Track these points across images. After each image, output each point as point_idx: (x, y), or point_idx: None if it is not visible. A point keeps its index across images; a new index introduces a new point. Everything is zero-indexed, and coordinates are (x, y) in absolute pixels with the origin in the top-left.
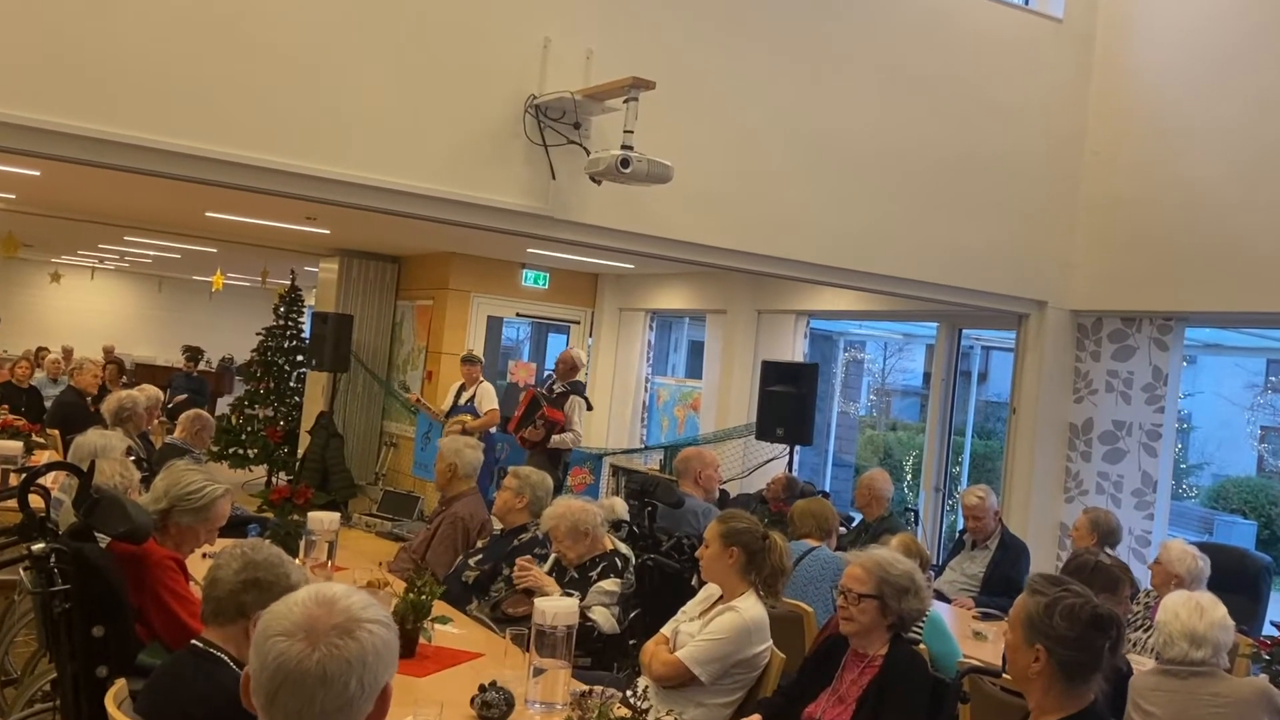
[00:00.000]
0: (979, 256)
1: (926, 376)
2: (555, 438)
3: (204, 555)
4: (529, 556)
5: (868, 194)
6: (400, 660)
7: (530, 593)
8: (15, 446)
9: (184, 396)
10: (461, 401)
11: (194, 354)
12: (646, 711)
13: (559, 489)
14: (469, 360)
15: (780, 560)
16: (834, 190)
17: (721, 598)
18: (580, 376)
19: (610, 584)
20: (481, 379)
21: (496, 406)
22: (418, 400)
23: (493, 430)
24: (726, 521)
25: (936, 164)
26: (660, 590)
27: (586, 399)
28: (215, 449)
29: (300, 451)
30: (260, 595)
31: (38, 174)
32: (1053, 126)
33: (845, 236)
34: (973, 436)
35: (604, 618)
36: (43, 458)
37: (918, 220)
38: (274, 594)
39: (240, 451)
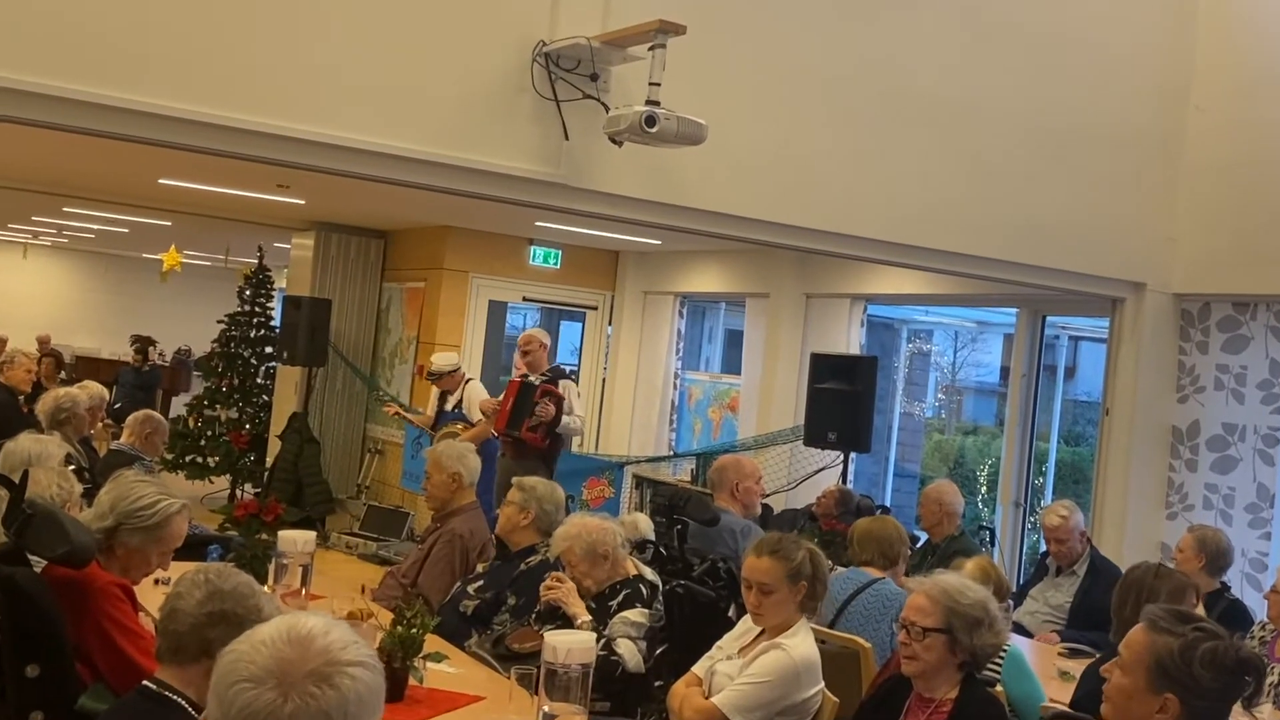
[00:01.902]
0: (1065, 231)
1: (1004, 372)
2: (565, 419)
3: (157, 582)
4: (558, 575)
5: (936, 158)
6: (387, 705)
7: (546, 619)
8: None
9: (136, 395)
10: (448, 408)
11: (144, 345)
12: None
13: None
14: (434, 375)
15: (825, 573)
16: (897, 154)
17: (764, 632)
18: (584, 366)
19: (635, 614)
20: (466, 378)
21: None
22: (397, 412)
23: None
24: (779, 551)
25: (1017, 123)
26: (692, 623)
27: (572, 379)
28: (169, 456)
29: (269, 460)
30: (228, 631)
31: None
32: (1152, 79)
33: (909, 207)
34: (1058, 442)
35: (630, 652)
36: None
37: (994, 189)
38: (244, 630)
39: (199, 459)
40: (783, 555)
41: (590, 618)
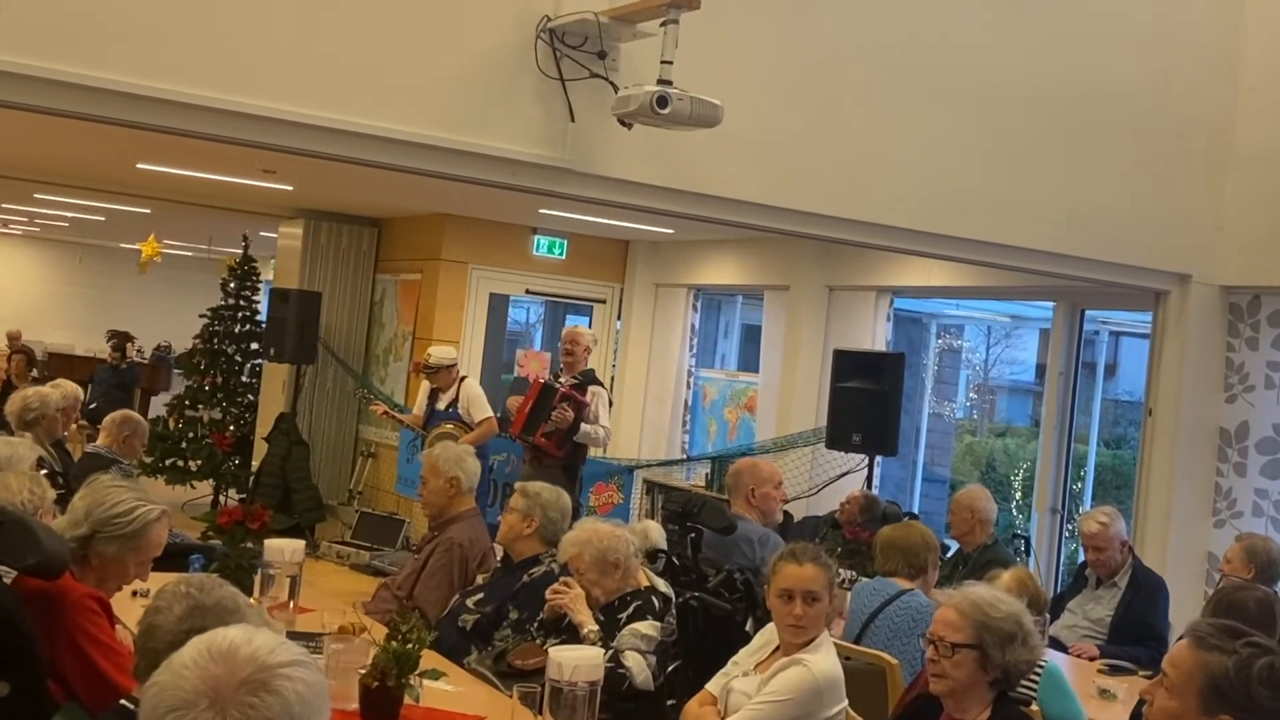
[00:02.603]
0: (1106, 219)
1: (1040, 369)
2: (584, 427)
3: (135, 594)
4: (567, 580)
5: (968, 142)
6: None
7: (549, 630)
8: None
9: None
10: (441, 407)
11: (122, 341)
12: None
13: (576, 512)
14: (431, 369)
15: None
16: (925, 137)
17: (780, 647)
18: (591, 362)
19: (646, 627)
20: (461, 375)
21: (490, 412)
22: (385, 413)
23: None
24: (820, 558)
25: (1054, 105)
26: (706, 637)
27: (608, 391)
28: (149, 460)
29: (255, 463)
30: None
31: None
32: (1200, 58)
33: (938, 194)
34: (1098, 445)
35: (639, 666)
36: None
37: (1030, 174)
38: None
39: (180, 463)
40: (823, 563)
41: (597, 628)
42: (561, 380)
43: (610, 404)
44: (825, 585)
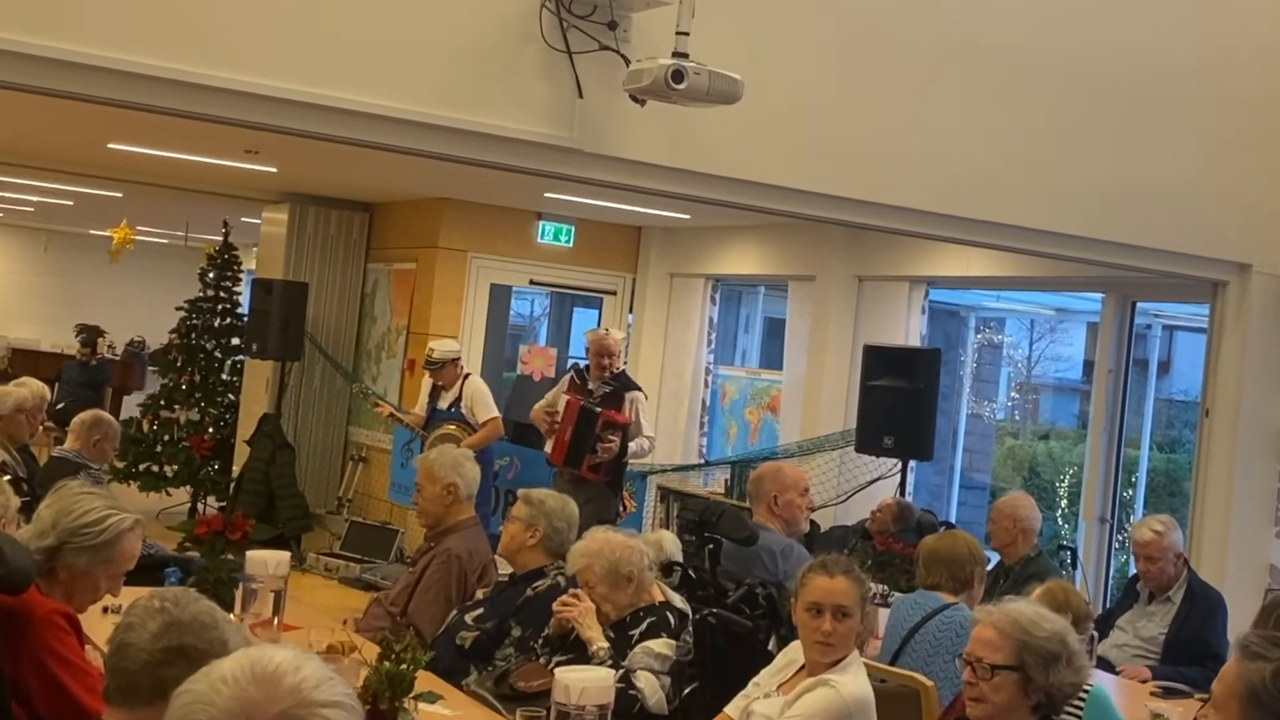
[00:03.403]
0: (1159, 203)
1: (1088, 366)
2: (631, 448)
3: (106, 610)
4: (576, 591)
5: (1009, 120)
6: None
7: (555, 648)
8: None
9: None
10: (443, 406)
11: (92, 336)
12: None
13: (617, 519)
14: (434, 364)
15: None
16: (963, 115)
17: (805, 666)
18: (620, 364)
19: (660, 645)
20: (465, 372)
21: (496, 412)
22: (391, 414)
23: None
24: (852, 571)
25: (1102, 80)
26: (725, 657)
27: (640, 389)
28: (121, 465)
29: (236, 469)
30: (186, 668)
31: None
32: (1260, 28)
33: (977, 177)
34: (1150, 448)
35: (652, 687)
36: None
37: (1076, 155)
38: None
39: (155, 468)
40: (856, 576)
41: (607, 645)
42: (592, 388)
43: (646, 408)
44: (857, 601)
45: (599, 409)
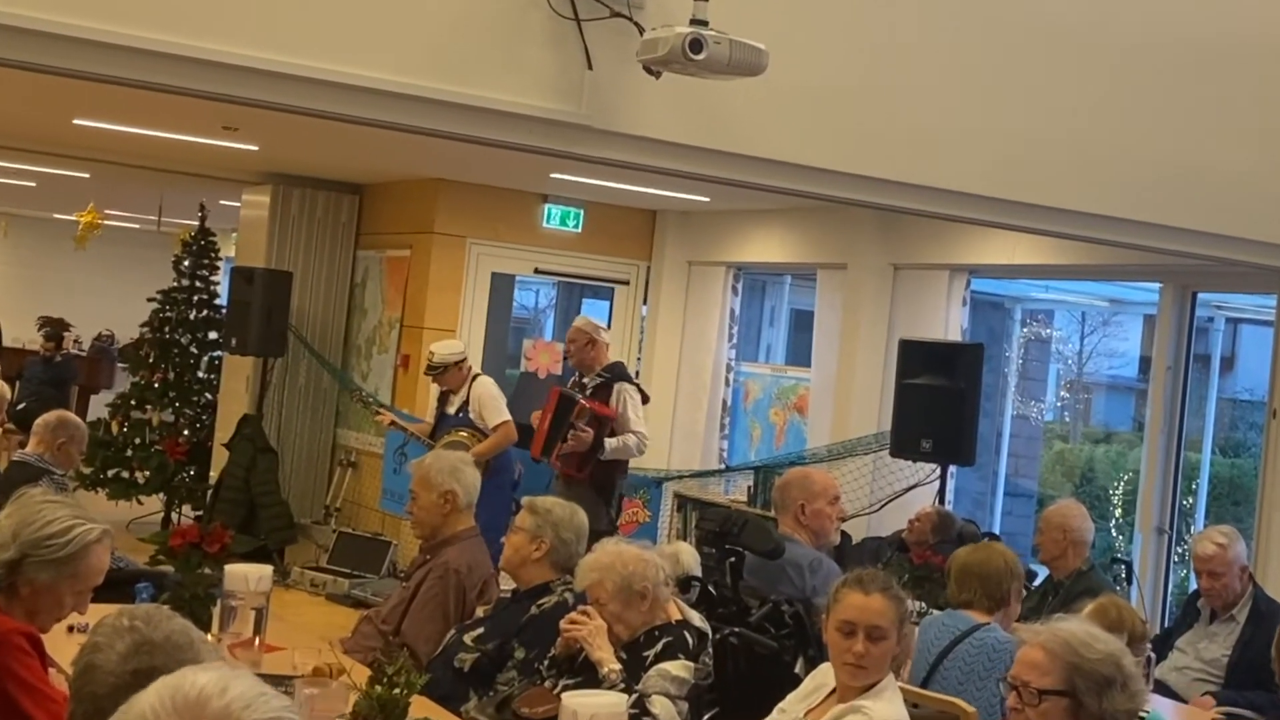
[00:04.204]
0: (1223, 186)
1: (1144, 363)
2: (610, 443)
3: (71, 629)
4: (586, 608)
5: (1060, 93)
6: None
7: (562, 671)
8: None
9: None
10: (451, 411)
11: (56, 330)
12: None
13: (611, 531)
14: (435, 369)
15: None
16: (1009, 88)
17: (835, 691)
18: (608, 356)
19: (677, 668)
20: (473, 373)
21: (507, 416)
22: (393, 423)
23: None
24: (890, 589)
25: (1160, 49)
26: (748, 680)
27: (638, 385)
28: (87, 470)
29: (214, 475)
30: None
31: None
32: None
33: (1024, 155)
34: (1213, 452)
35: (668, 713)
36: None
37: (1133, 132)
38: None
39: (124, 474)
40: (894, 594)
41: (619, 668)
42: (585, 381)
43: (645, 399)
44: (894, 621)
45: (580, 397)
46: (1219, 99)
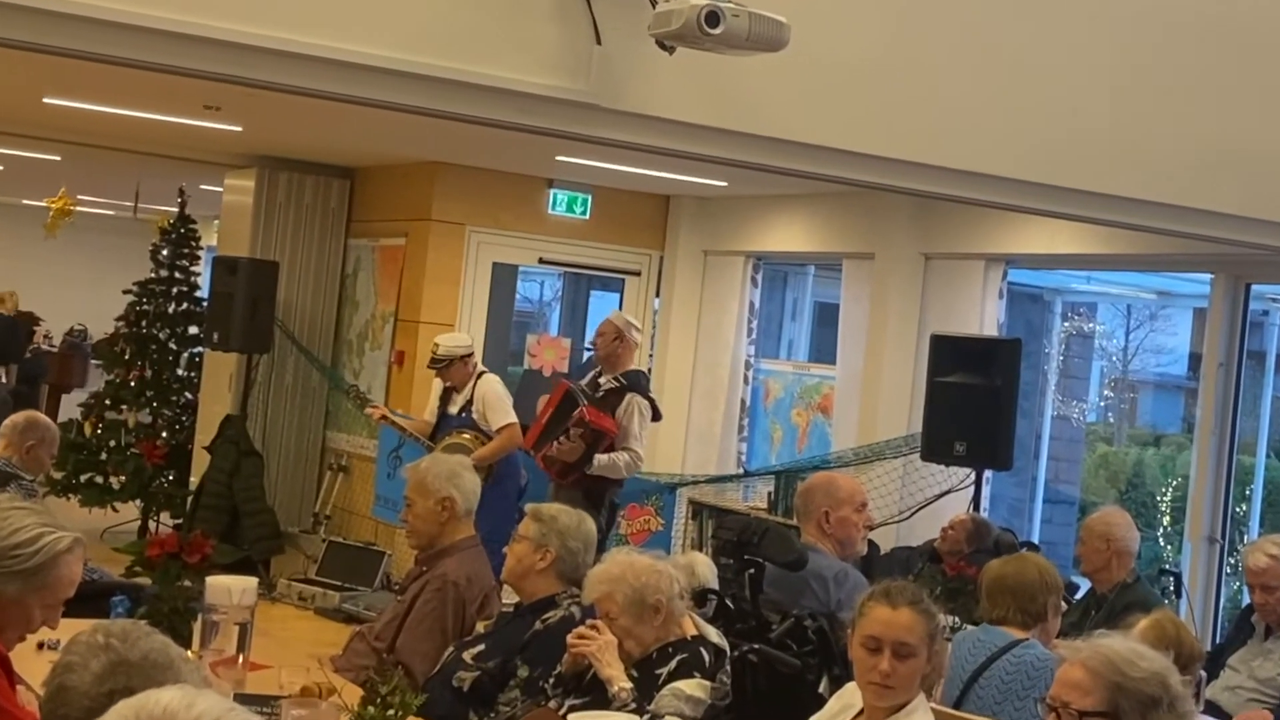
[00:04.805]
0: (1279, 168)
1: (1194, 360)
2: (599, 459)
3: (42, 646)
4: (595, 622)
5: (1102, 71)
6: None
7: (568, 689)
8: None
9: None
10: (454, 410)
11: (25, 324)
12: None
13: (603, 543)
14: (439, 363)
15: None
16: (1049, 65)
17: (863, 711)
18: (636, 362)
19: (692, 687)
20: (479, 371)
21: (513, 418)
22: (384, 417)
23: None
24: (920, 603)
25: (1212, 21)
26: (768, 700)
27: (652, 400)
28: (59, 475)
29: (194, 480)
30: None
31: None
32: None
33: (1064, 136)
34: (1268, 455)
35: None
36: None
37: (1181, 112)
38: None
39: (98, 479)
40: (925, 609)
41: (630, 686)
42: (601, 381)
43: (657, 416)
44: (923, 638)
45: (583, 402)
46: (1273, 77)
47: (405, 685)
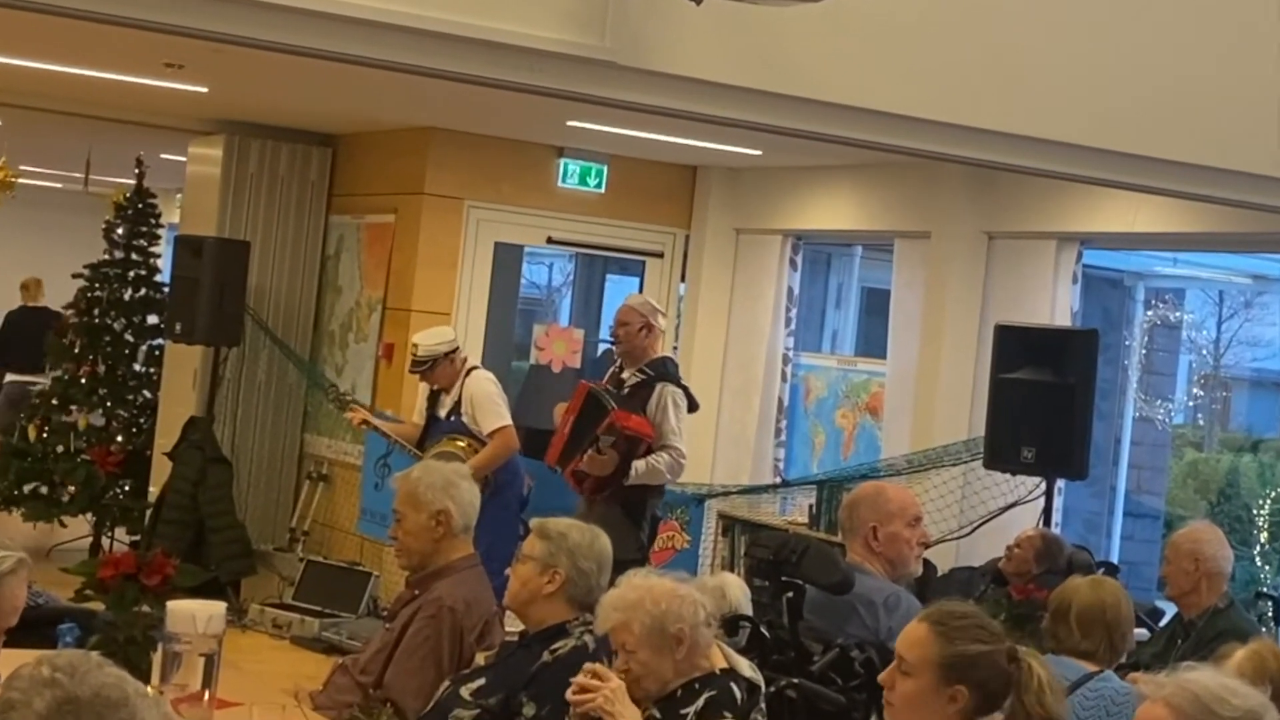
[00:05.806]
0: None
1: None
2: (638, 466)
3: None
4: (593, 667)
5: (1189, 27)
6: None
7: None
8: None
9: None
10: (442, 414)
11: None
12: None
13: (643, 560)
14: (421, 365)
15: (1042, 701)
16: (1130, 19)
17: None
18: (661, 348)
19: None
20: (468, 367)
21: (507, 420)
22: (365, 421)
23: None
24: (944, 627)
25: None
26: None
27: (685, 388)
28: (0, 485)
29: (154, 490)
30: None
31: None
32: None
33: (1147, 100)
34: None
35: None
36: None
37: (1276, 74)
38: None
39: (45, 490)
40: (946, 632)
41: None
42: (624, 376)
43: (693, 406)
44: (928, 659)
45: (612, 405)
46: None
47: None
